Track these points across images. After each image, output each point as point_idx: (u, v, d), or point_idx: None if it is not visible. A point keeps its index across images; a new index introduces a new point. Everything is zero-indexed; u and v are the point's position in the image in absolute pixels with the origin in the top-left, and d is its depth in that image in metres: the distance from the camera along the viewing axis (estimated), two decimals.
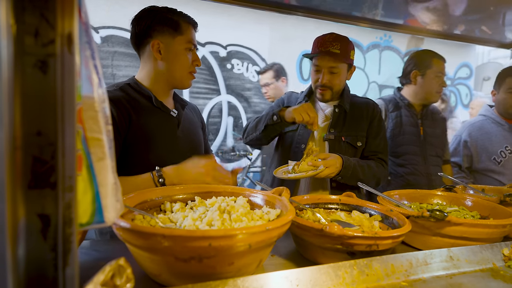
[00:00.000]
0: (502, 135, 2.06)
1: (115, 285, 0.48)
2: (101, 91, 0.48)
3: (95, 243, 0.96)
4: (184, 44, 1.24)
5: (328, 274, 0.70)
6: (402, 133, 1.91)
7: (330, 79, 1.53)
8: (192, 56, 1.28)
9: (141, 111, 1.22)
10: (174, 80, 1.28)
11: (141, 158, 1.20)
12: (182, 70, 1.27)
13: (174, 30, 1.23)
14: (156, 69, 1.27)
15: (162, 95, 1.31)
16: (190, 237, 0.59)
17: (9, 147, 0.40)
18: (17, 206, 0.41)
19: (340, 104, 1.59)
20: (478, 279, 0.81)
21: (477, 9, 1.89)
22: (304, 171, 1.33)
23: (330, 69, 1.52)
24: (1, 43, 0.39)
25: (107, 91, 1.20)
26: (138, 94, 1.26)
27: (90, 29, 0.47)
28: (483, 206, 1.15)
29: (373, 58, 4.55)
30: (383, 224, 0.97)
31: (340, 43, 1.51)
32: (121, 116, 1.16)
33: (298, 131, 1.62)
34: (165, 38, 1.23)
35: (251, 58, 3.81)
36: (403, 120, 1.93)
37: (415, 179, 1.89)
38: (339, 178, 1.42)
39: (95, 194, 0.46)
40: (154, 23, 1.23)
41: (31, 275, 0.42)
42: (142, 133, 1.21)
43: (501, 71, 2.14)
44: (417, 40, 4.60)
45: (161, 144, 1.24)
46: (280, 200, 0.88)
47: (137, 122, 1.20)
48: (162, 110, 1.28)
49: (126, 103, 1.20)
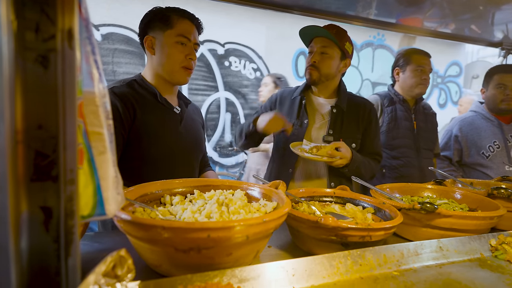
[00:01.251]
0: (491, 130, 2.08)
1: (116, 275, 0.47)
2: (101, 86, 0.47)
3: (97, 235, 0.96)
4: (174, 37, 1.21)
5: (322, 264, 0.71)
6: (397, 127, 1.94)
7: (320, 60, 1.51)
8: (185, 50, 1.23)
9: (146, 107, 1.22)
10: (167, 75, 1.25)
11: (144, 152, 1.20)
12: (172, 64, 1.23)
13: (164, 24, 1.21)
14: (152, 65, 1.26)
15: (166, 92, 1.30)
16: (189, 229, 0.59)
17: (11, 141, 0.39)
18: (20, 199, 0.41)
19: (338, 104, 1.56)
20: (467, 268, 0.81)
21: (467, 9, 1.89)
22: (321, 155, 1.35)
23: (322, 48, 1.50)
24: (2, 39, 0.38)
25: (115, 86, 1.20)
26: (144, 90, 1.25)
27: (91, 24, 0.46)
28: (471, 199, 1.16)
29: (367, 56, 4.54)
30: (375, 216, 0.97)
31: (336, 30, 1.51)
32: (126, 110, 1.16)
33: (293, 131, 1.57)
34: (156, 33, 1.22)
35: (248, 55, 3.79)
36: (397, 115, 1.95)
37: (409, 171, 1.91)
38: (345, 170, 1.43)
39: (96, 187, 0.46)
40: (149, 21, 1.23)
41: (34, 266, 0.42)
42: (146, 127, 1.20)
43: (489, 70, 2.16)
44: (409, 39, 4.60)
45: (163, 139, 1.23)
46: (276, 193, 0.88)
47: (142, 117, 1.19)
48: (166, 107, 1.28)
49: (132, 98, 1.19)
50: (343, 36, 1.51)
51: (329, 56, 1.51)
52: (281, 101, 1.69)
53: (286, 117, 1.61)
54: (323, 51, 1.50)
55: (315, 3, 1.87)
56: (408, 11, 1.99)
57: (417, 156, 1.94)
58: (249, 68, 3.82)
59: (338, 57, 1.53)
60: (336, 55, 1.52)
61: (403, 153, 1.92)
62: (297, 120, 1.58)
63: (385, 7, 1.92)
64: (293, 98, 1.63)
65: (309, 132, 1.57)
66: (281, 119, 1.35)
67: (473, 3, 1.79)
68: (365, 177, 1.46)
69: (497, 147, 2.03)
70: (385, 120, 1.95)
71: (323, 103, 1.61)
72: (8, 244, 0.40)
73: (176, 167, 1.27)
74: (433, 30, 2.28)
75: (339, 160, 1.36)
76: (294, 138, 1.56)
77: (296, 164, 1.57)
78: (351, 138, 1.55)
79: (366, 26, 2.15)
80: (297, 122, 1.57)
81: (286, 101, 1.67)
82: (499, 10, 1.88)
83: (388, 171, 1.94)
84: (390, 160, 1.94)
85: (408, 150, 1.93)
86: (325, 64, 1.52)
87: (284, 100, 1.68)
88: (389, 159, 1.94)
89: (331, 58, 1.51)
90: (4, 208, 0.40)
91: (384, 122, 1.94)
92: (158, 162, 1.22)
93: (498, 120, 2.09)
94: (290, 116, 1.61)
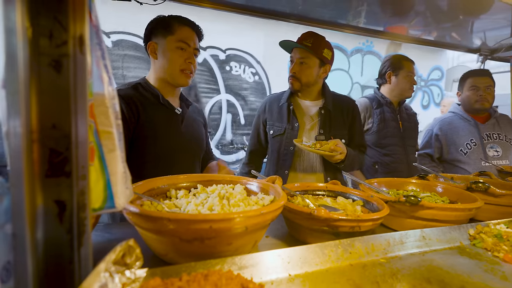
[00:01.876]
0: (468, 129, 2.08)
1: (125, 263, 0.47)
2: (111, 89, 0.46)
3: (108, 226, 0.96)
4: (175, 43, 1.21)
5: (316, 252, 0.70)
6: (386, 127, 1.96)
7: (299, 70, 1.50)
8: (184, 55, 1.23)
9: (149, 108, 1.21)
10: (169, 77, 1.25)
11: (147, 150, 1.19)
12: (173, 67, 1.23)
13: (166, 30, 1.21)
14: (155, 69, 1.26)
15: (168, 94, 1.29)
16: (193, 220, 0.58)
17: (27, 140, 0.39)
18: (36, 193, 0.40)
19: (325, 105, 1.55)
20: (447, 256, 0.81)
21: (448, 18, 1.89)
22: (323, 150, 1.35)
23: (301, 59, 1.49)
24: (18, 45, 0.38)
25: (120, 89, 1.20)
26: (148, 92, 1.24)
27: (100, 31, 0.46)
28: (452, 192, 1.16)
29: (356, 61, 4.53)
30: (364, 208, 0.97)
31: (314, 39, 1.48)
32: (130, 112, 1.15)
33: (285, 135, 1.57)
34: (158, 39, 1.22)
35: (247, 61, 3.77)
36: (385, 116, 1.97)
37: (398, 166, 1.94)
38: (342, 165, 1.42)
39: (106, 182, 0.46)
40: (152, 28, 1.23)
41: (49, 255, 0.42)
42: (149, 127, 1.19)
43: (463, 75, 2.19)
44: (395, 46, 4.60)
45: (165, 138, 1.23)
46: (273, 187, 0.88)
47: (145, 117, 1.18)
48: (168, 108, 1.27)
49: (136, 100, 1.19)
50: (320, 44, 1.49)
51: (308, 66, 1.50)
52: (270, 108, 1.67)
53: (277, 122, 1.61)
54: (302, 61, 1.49)
55: (309, 12, 1.87)
56: (394, 20, 2.00)
57: (405, 153, 1.97)
58: (248, 73, 3.80)
59: (317, 65, 1.51)
60: (314, 64, 1.50)
61: (392, 150, 1.95)
62: (288, 124, 1.57)
63: (374, 16, 1.92)
64: (281, 105, 1.62)
65: (301, 134, 1.56)
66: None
67: (454, 13, 1.79)
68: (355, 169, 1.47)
69: (474, 145, 2.04)
70: (374, 121, 1.96)
71: (310, 106, 1.60)
72: (25, 235, 0.40)
73: (178, 164, 1.26)
74: (417, 37, 2.28)
75: (339, 155, 1.36)
76: (288, 141, 1.55)
77: (291, 165, 1.56)
78: (340, 135, 1.55)
79: (356, 33, 2.14)
80: (288, 126, 1.57)
81: (274, 107, 1.65)
82: (478, 19, 1.88)
83: (380, 167, 1.96)
84: (382, 157, 1.96)
85: (396, 148, 1.95)
86: (304, 74, 1.51)
87: (272, 107, 1.67)
88: (381, 156, 1.96)
89: (310, 67, 1.50)
90: (21, 202, 0.39)
91: (374, 123, 1.96)
92: (161, 160, 1.22)
93: (475, 120, 2.10)
94: (281, 121, 1.60)
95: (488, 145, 2.03)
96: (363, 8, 1.78)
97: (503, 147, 2.03)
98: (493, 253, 0.84)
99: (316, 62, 1.50)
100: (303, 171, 1.55)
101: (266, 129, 1.67)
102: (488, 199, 1.12)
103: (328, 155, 1.36)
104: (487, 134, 2.06)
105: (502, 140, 2.06)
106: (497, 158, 2.01)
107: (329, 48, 1.52)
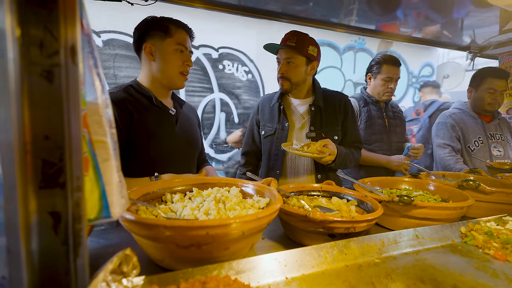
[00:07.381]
0: (476, 127, 2.10)
1: (122, 272, 0.47)
2: (104, 97, 0.46)
3: (103, 231, 0.95)
4: (174, 45, 1.21)
5: (311, 254, 0.71)
6: (373, 124, 2.02)
7: (286, 70, 1.50)
8: (183, 57, 1.24)
9: (142, 110, 1.20)
10: (166, 80, 1.25)
11: (142, 153, 1.18)
12: (172, 70, 1.23)
13: (164, 33, 1.20)
14: (151, 71, 1.24)
15: (161, 95, 1.28)
16: (189, 227, 0.58)
17: (20, 152, 0.39)
18: (29, 205, 0.40)
19: (315, 102, 1.55)
20: (440, 254, 0.83)
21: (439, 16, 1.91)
22: (311, 152, 1.34)
23: (287, 59, 1.50)
24: (9, 55, 0.37)
25: (111, 92, 1.18)
26: (140, 94, 1.23)
27: (93, 39, 0.45)
28: (443, 190, 1.18)
29: (349, 59, 4.56)
30: (359, 208, 0.98)
31: (297, 38, 1.48)
32: (122, 115, 1.14)
33: (276, 135, 1.57)
34: (156, 41, 1.21)
35: (240, 59, 3.76)
36: (372, 114, 2.03)
37: None
38: (332, 165, 1.42)
39: (101, 192, 0.45)
40: (148, 29, 1.22)
41: (44, 267, 0.41)
42: (143, 129, 1.18)
43: (479, 71, 2.12)
44: (387, 43, 4.64)
45: (160, 139, 1.22)
46: (269, 190, 0.88)
47: (138, 120, 1.17)
48: (161, 109, 1.26)
49: (128, 103, 1.17)
50: (304, 42, 1.48)
51: (295, 65, 1.50)
52: (262, 109, 1.68)
53: (268, 122, 1.61)
54: (288, 60, 1.50)
55: (301, 11, 1.87)
56: (385, 18, 2.01)
57: (390, 149, 2.04)
58: (241, 71, 3.79)
59: (304, 63, 1.51)
60: (301, 62, 1.51)
61: (378, 146, 2.02)
62: (278, 124, 1.58)
63: (365, 14, 1.92)
64: (272, 105, 1.62)
65: (291, 134, 1.56)
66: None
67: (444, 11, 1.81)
68: (349, 167, 1.48)
69: (481, 143, 2.08)
70: (362, 119, 2.03)
71: (300, 104, 1.60)
72: (20, 247, 0.39)
73: (174, 165, 1.25)
74: (408, 35, 2.30)
75: (328, 157, 1.35)
76: (278, 141, 1.55)
77: (282, 166, 1.57)
78: (332, 131, 1.55)
79: (347, 32, 2.15)
80: (279, 126, 1.57)
81: (266, 108, 1.66)
82: (468, 17, 1.90)
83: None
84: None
85: (383, 144, 2.03)
86: (292, 73, 1.51)
87: (264, 107, 1.68)
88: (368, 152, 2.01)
89: (297, 66, 1.50)
90: (15, 214, 0.39)
91: (361, 121, 2.03)
92: (157, 161, 1.21)
93: (481, 119, 2.12)
94: (272, 121, 1.60)
95: (492, 144, 2.07)
96: (354, 6, 1.79)
97: (504, 148, 2.08)
98: (484, 250, 0.86)
99: (303, 60, 1.51)
100: (295, 170, 1.56)
101: (259, 130, 1.67)
102: (479, 197, 1.14)
103: (316, 157, 1.35)
104: (491, 134, 2.09)
105: (504, 141, 2.10)
106: (499, 158, 2.05)
107: (313, 44, 1.51)
